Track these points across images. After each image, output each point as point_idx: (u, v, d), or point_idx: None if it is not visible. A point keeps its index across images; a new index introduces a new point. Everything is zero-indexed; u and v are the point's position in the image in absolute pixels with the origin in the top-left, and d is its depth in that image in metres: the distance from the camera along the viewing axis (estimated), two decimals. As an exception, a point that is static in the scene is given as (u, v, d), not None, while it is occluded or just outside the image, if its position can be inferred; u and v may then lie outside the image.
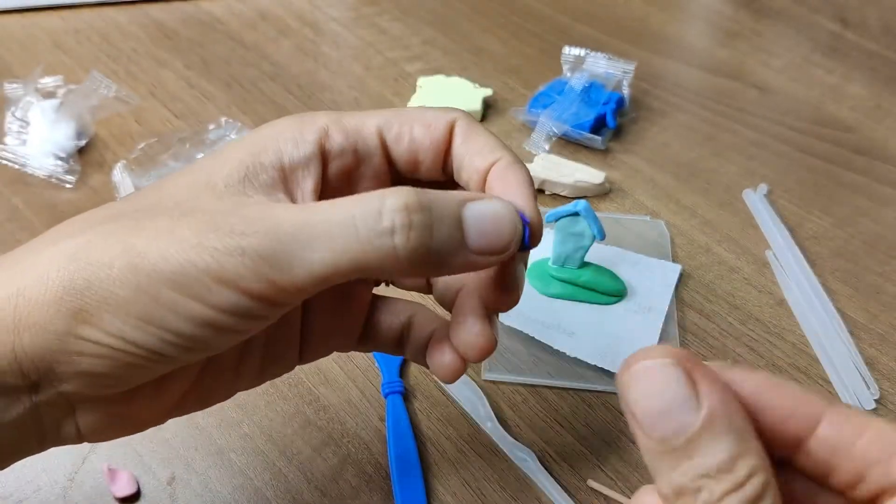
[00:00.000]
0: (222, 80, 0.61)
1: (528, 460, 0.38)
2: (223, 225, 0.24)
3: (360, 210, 0.24)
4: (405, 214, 0.24)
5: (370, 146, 0.29)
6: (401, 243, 0.24)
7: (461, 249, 0.25)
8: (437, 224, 0.24)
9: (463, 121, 0.29)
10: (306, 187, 0.27)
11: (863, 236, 0.51)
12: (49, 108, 0.53)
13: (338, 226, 0.24)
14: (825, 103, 0.63)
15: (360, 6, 0.71)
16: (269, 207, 0.25)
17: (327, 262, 0.24)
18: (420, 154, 0.29)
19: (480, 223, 0.25)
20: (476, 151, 0.28)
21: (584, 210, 0.42)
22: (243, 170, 0.26)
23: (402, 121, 0.29)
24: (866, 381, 0.42)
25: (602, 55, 0.60)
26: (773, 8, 0.74)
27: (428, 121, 0.29)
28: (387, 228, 0.24)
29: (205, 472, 0.37)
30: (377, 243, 0.24)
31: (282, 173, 0.27)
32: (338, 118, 0.28)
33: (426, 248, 0.24)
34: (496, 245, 0.26)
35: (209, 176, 0.26)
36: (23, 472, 0.36)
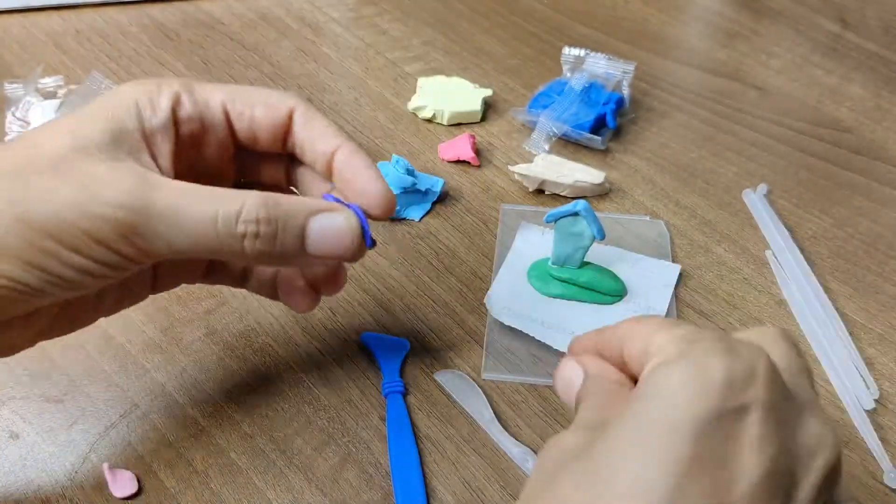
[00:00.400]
0: (223, 80, 0.61)
1: (529, 460, 0.38)
2: (101, 193, 0.27)
3: (223, 209, 0.28)
4: (255, 225, 0.29)
5: (215, 118, 0.32)
6: (248, 247, 0.29)
7: (301, 254, 0.30)
8: (280, 234, 0.30)
9: (302, 106, 0.33)
10: (165, 150, 0.31)
11: (862, 236, 0.51)
12: (49, 108, 0.53)
13: (201, 219, 0.28)
14: (824, 104, 0.63)
15: (360, 7, 0.71)
16: (145, 182, 0.28)
17: (187, 244, 0.29)
18: (259, 132, 0.33)
19: (322, 234, 0.30)
20: (318, 136, 0.33)
21: (584, 210, 0.42)
22: (110, 133, 0.29)
23: (245, 100, 0.33)
24: (866, 380, 0.42)
25: (602, 55, 0.60)
26: (772, 8, 0.74)
27: (269, 103, 0.33)
28: (240, 232, 0.29)
29: (205, 471, 0.37)
30: (229, 241, 0.29)
31: (144, 138, 0.30)
32: (189, 87, 0.32)
33: (268, 253, 0.30)
34: (335, 253, 0.31)
35: (78, 138, 0.29)
36: (23, 472, 0.36)
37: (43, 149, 0.29)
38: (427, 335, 0.43)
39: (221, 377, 0.41)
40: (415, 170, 0.51)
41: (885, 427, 0.40)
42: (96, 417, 0.39)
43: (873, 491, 0.38)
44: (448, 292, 0.46)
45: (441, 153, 0.55)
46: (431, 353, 0.43)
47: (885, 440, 0.40)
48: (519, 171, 0.52)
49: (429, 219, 0.51)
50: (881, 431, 0.40)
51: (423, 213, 0.51)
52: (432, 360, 0.42)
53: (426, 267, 0.47)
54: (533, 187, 0.52)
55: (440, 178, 0.52)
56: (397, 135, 0.57)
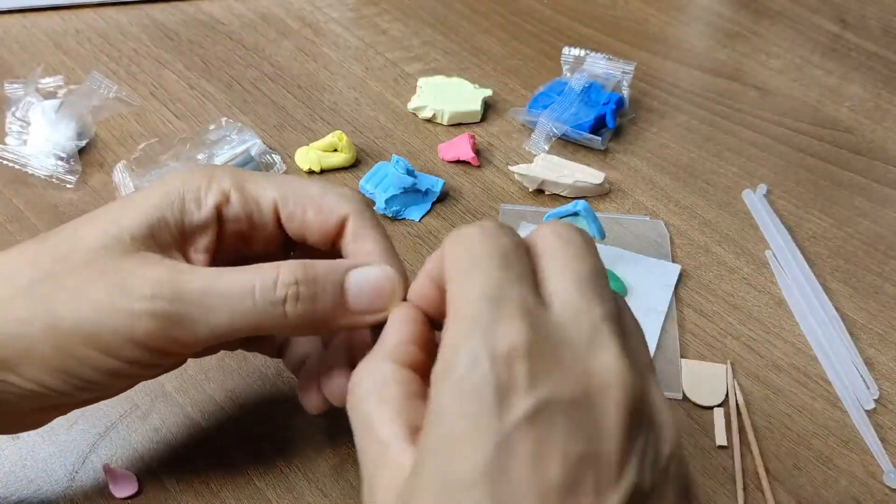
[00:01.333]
0: (223, 80, 0.61)
1: (528, 460, 0.37)
2: (133, 287, 0.27)
3: (259, 281, 0.28)
4: (295, 288, 0.28)
5: (265, 218, 0.32)
6: (290, 311, 0.28)
7: (342, 313, 0.29)
8: (320, 293, 0.29)
9: (356, 216, 0.32)
10: (200, 246, 0.31)
11: (862, 236, 0.51)
12: (50, 108, 0.53)
13: (238, 293, 0.28)
14: (824, 104, 0.63)
15: (360, 7, 0.71)
16: (174, 270, 0.28)
17: (227, 325, 0.28)
18: (308, 235, 0.32)
19: (361, 287, 0.29)
20: (366, 255, 0.31)
21: (584, 210, 0.42)
22: (148, 224, 0.29)
23: (298, 200, 0.31)
24: (866, 380, 0.42)
25: (601, 56, 0.60)
26: (772, 9, 0.74)
27: (322, 206, 0.31)
28: (279, 298, 0.28)
29: (205, 471, 0.37)
30: (270, 310, 0.28)
31: (182, 233, 0.30)
32: (241, 182, 0.31)
33: (311, 314, 0.29)
34: (375, 305, 0.30)
35: (116, 226, 0.29)
36: (23, 472, 0.36)
37: (82, 242, 0.29)
38: (427, 335, 0.43)
39: (221, 377, 0.41)
40: (415, 170, 0.51)
41: (885, 427, 0.40)
42: (96, 417, 0.39)
43: (873, 491, 0.38)
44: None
45: (441, 153, 0.55)
46: (431, 353, 0.43)
47: (885, 440, 0.40)
48: (519, 171, 0.52)
49: (429, 219, 0.51)
50: (881, 431, 0.40)
51: (423, 213, 0.51)
52: (432, 360, 0.42)
53: (426, 267, 0.47)
54: (533, 187, 0.52)
55: (440, 178, 0.52)
56: (397, 135, 0.57)
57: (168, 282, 0.28)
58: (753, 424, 0.40)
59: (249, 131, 0.54)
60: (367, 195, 0.51)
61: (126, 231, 0.29)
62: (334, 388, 0.32)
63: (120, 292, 0.27)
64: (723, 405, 0.41)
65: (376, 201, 0.50)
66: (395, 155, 0.51)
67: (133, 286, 0.27)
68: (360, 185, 0.51)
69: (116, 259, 0.28)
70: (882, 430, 0.40)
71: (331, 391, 0.32)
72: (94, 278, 0.27)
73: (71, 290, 0.27)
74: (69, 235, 0.29)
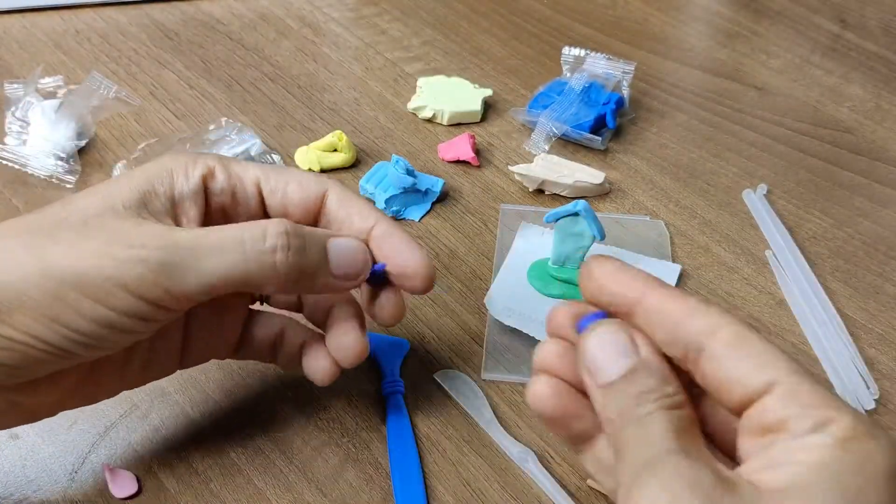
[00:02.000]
0: (223, 80, 0.61)
1: (528, 460, 0.38)
2: (125, 238, 0.28)
3: (248, 233, 0.29)
4: (285, 237, 0.29)
5: (248, 192, 0.33)
6: (281, 260, 0.29)
7: (325, 272, 0.31)
8: (309, 248, 0.30)
9: (337, 188, 0.34)
10: (191, 216, 0.32)
11: (862, 236, 0.51)
12: (49, 108, 0.53)
13: (229, 243, 0.29)
14: (824, 104, 0.63)
15: (360, 7, 0.71)
16: (166, 227, 0.29)
17: (217, 273, 0.28)
18: (290, 208, 0.34)
19: (340, 254, 0.32)
20: (354, 214, 0.34)
21: (584, 210, 0.42)
22: (140, 194, 0.30)
23: (279, 178, 0.34)
24: (866, 380, 0.42)
25: (602, 56, 0.60)
26: (772, 8, 0.74)
27: (302, 182, 0.34)
28: (270, 247, 0.29)
29: (205, 471, 0.37)
30: (261, 259, 0.29)
31: (171, 202, 0.31)
32: (225, 163, 0.33)
33: (300, 266, 0.30)
34: (350, 272, 0.32)
35: (109, 198, 0.30)
36: (23, 472, 0.36)
37: (75, 208, 0.30)
38: (427, 335, 0.43)
39: (221, 377, 0.41)
40: (415, 170, 0.51)
41: (885, 427, 0.40)
42: (96, 417, 0.39)
43: (873, 491, 0.38)
44: (448, 292, 0.46)
45: (441, 153, 0.55)
46: (431, 353, 0.43)
47: (885, 440, 0.40)
48: (519, 171, 0.52)
49: (429, 219, 0.51)
50: None
51: (423, 213, 0.51)
52: (432, 361, 0.42)
53: (426, 267, 0.47)
54: (533, 187, 0.52)
55: (440, 178, 0.52)
56: (397, 135, 0.57)
57: (160, 233, 0.29)
58: (753, 424, 0.40)
59: (249, 131, 0.54)
60: (367, 195, 0.51)
61: (118, 200, 0.30)
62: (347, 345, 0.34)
63: (113, 241, 0.28)
64: (723, 405, 0.41)
65: (376, 201, 0.50)
66: (394, 155, 0.51)
67: (125, 237, 0.28)
68: (360, 185, 0.51)
69: (110, 219, 0.29)
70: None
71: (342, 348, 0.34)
72: (88, 233, 0.28)
73: (64, 241, 0.28)
74: (62, 204, 0.30)
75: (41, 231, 0.28)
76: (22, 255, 0.28)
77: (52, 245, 0.28)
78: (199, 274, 0.28)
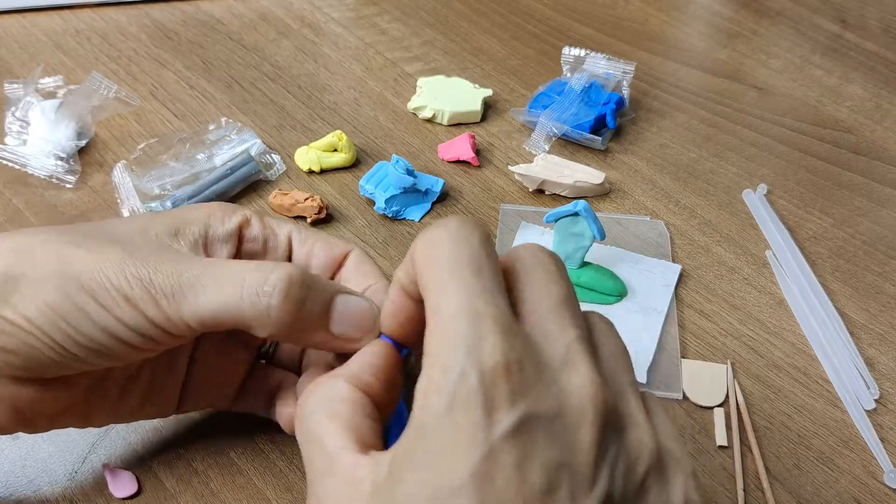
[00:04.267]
0: (223, 80, 0.61)
1: (528, 460, 0.37)
2: (142, 257, 0.29)
3: (253, 272, 0.29)
4: (286, 284, 0.29)
5: (280, 242, 0.35)
6: (275, 306, 0.29)
7: (322, 328, 0.30)
8: (309, 301, 0.29)
9: (358, 251, 0.36)
10: (222, 256, 0.33)
11: (862, 236, 0.51)
12: (49, 108, 0.53)
13: (228, 280, 0.29)
14: (824, 104, 0.63)
15: (360, 7, 0.71)
16: (183, 254, 0.30)
17: (210, 308, 0.29)
18: (314, 263, 0.35)
19: (345, 312, 0.31)
20: (362, 274, 0.35)
21: (584, 210, 0.42)
22: (174, 228, 0.32)
23: (310, 234, 0.35)
24: (866, 380, 0.42)
25: (602, 56, 0.60)
26: (772, 8, 0.74)
27: (330, 242, 0.35)
28: (267, 291, 0.29)
29: (204, 471, 0.37)
30: (255, 301, 0.29)
31: (204, 240, 0.33)
32: (260, 215, 0.35)
33: (293, 317, 0.29)
34: (353, 333, 0.31)
35: (144, 225, 0.32)
36: (23, 472, 0.36)
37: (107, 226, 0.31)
38: (427, 335, 0.43)
39: (221, 377, 0.41)
40: (415, 170, 0.51)
41: (885, 427, 0.40)
42: (96, 417, 0.39)
43: (873, 491, 0.38)
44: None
45: (441, 153, 0.55)
46: (431, 353, 0.42)
47: (885, 440, 0.40)
48: (519, 171, 0.52)
49: (429, 219, 0.51)
50: (881, 431, 0.40)
51: (423, 213, 0.51)
52: (432, 360, 0.42)
53: (426, 267, 0.47)
54: (533, 187, 0.52)
55: (440, 178, 0.52)
56: (397, 135, 0.57)
57: (174, 258, 0.30)
58: (753, 424, 0.40)
59: (249, 131, 0.54)
60: (366, 195, 0.51)
61: (151, 228, 0.31)
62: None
63: (130, 257, 0.29)
64: (723, 405, 0.41)
65: (376, 201, 0.50)
66: (395, 155, 0.51)
67: (143, 257, 0.29)
68: (360, 185, 0.51)
69: (137, 240, 0.31)
70: (882, 430, 0.40)
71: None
72: (110, 246, 0.30)
73: (85, 248, 0.29)
74: (98, 224, 0.32)
75: (69, 236, 0.30)
76: (44, 252, 0.29)
77: (75, 248, 0.29)
78: (195, 306, 0.29)
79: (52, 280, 0.28)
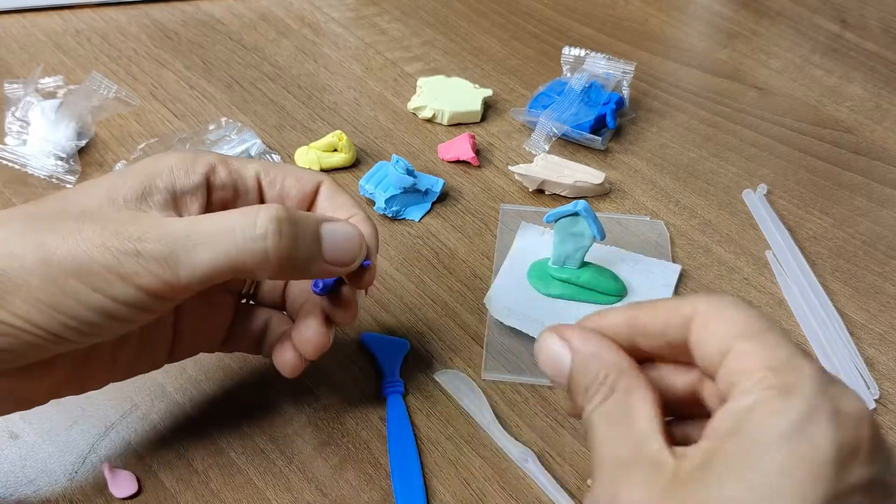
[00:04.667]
0: (223, 80, 0.61)
1: (528, 460, 0.38)
2: (122, 231, 0.28)
3: (240, 220, 0.29)
4: (276, 224, 0.29)
5: (248, 185, 0.34)
6: (272, 247, 0.29)
7: (318, 258, 0.31)
8: (300, 235, 0.30)
9: (329, 182, 0.35)
10: (192, 210, 0.32)
11: (862, 236, 0.51)
12: (49, 108, 0.53)
13: (220, 232, 0.29)
14: (824, 104, 0.63)
15: (360, 7, 0.71)
16: (161, 219, 0.30)
17: (209, 263, 0.28)
18: (287, 200, 0.34)
19: (334, 239, 0.32)
20: (338, 206, 0.35)
21: (584, 210, 0.42)
22: (140, 189, 0.31)
23: (277, 171, 0.34)
24: (866, 380, 0.42)
25: (602, 56, 0.60)
26: (772, 8, 0.74)
27: (299, 175, 0.35)
28: (260, 234, 0.29)
29: (204, 471, 0.37)
30: (252, 246, 0.29)
31: (173, 196, 0.31)
32: (225, 159, 0.34)
33: (291, 253, 0.30)
34: (345, 258, 0.32)
35: (110, 191, 0.30)
36: (23, 472, 0.36)
37: (75, 199, 0.30)
38: (427, 335, 0.43)
39: (221, 377, 0.41)
40: (415, 170, 0.51)
41: (885, 427, 0.40)
42: (96, 417, 0.39)
43: (873, 491, 0.38)
44: (448, 292, 0.46)
45: (441, 153, 0.55)
46: (431, 353, 0.43)
47: (886, 440, 0.40)
48: (519, 171, 0.52)
49: (429, 219, 0.51)
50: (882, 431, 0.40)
51: (423, 213, 0.51)
52: (432, 361, 0.42)
53: (426, 267, 0.47)
54: (533, 187, 0.52)
55: (440, 178, 0.52)
56: (397, 135, 0.57)
57: (155, 224, 0.29)
58: (754, 424, 0.40)
59: (249, 131, 0.54)
60: (366, 195, 0.51)
61: (118, 194, 0.30)
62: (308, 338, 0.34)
63: (111, 234, 0.28)
64: (723, 405, 0.41)
65: (376, 201, 0.50)
66: (395, 155, 0.51)
67: (122, 228, 0.28)
68: (360, 185, 0.51)
69: (109, 212, 0.29)
70: (882, 430, 0.40)
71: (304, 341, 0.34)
72: (86, 223, 0.29)
73: (62, 230, 0.28)
74: (63, 196, 0.30)
75: (39, 220, 0.29)
76: (20, 243, 0.28)
77: (50, 233, 0.28)
78: (193, 265, 0.28)
79: (36, 272, 0.27)
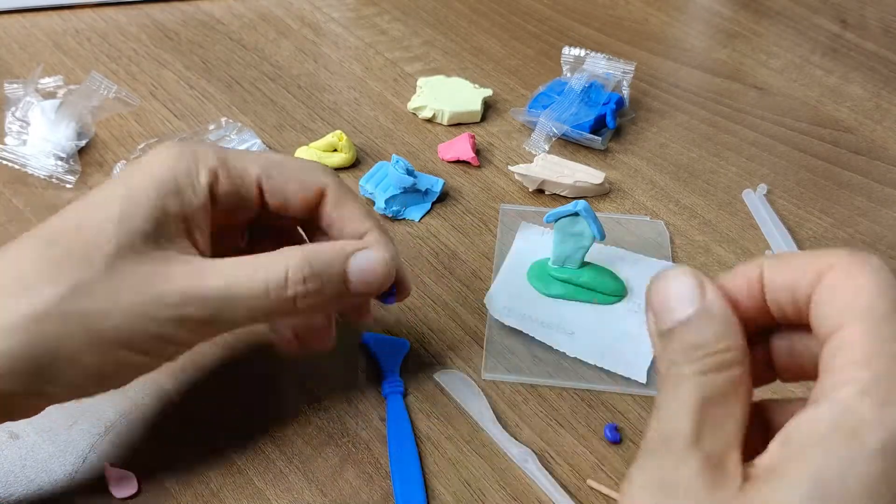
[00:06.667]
0: (222, 80, 0.61)
1: (528, 460, 0.38)
2: (161, 297, 0.30)
3: (272, 280, 0.31)
4: (303, 286, 0.31)
5: (250, 193, 0.34)
6: (300, 305, 0.32)
7: (345, 295, 0.33)
8: (326, 284, 0.32)
9: (333, 186, 0.35)
10: (204, 228, 0.33)
11: (862, 236, 0.51)
12: (49, 108, 0.53)
13: (254, 292, 0.31)
14: (824, 104, 0.63)
15: (360, 7, 0.71)
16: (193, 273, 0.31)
17: (245, 318, 0.32)
18: (289, 207, 0.35)
19: (362, 272, 0.33)
20: (347, 218, 0.35)
21: (584, 210, 0.42)
22: (154, 220, 0.31)
23: (279, 175, 0.34)
24: (866, 380, 0.42)
25: (602, 56, 0.60)
26: (772, 8, 0.74)
27: (302, 179, 0.35)
28: (290, 296, 0.31)
29: (205, 471, 0.37)
30: (282, 305, 0.31)
31: (185, 221, 0.32)
32: (224, 160, 0.34)
33: (318, 302, 0.32)
34: (372, 289, 0.34)
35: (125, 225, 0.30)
36: (23, 472, 0.36)
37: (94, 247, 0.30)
38: (427, 335, 0.43)
39: (221, 377, 0.41)
40: (415, 170, 0.51)
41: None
42: (96, 417, 0.39)
43: (873, 491, 0.38)
44: (448, 292, 0.46)
45: (441, 153, 0.55)
46: (431, 353, 0.43)
47: (886, 440, 0.40)
48: (519, 171, 0.52)
49: (429, 219, 0.51)
50: None
51: (423, 213, 0.51)
52: (432, 361, 0.42)
53: (426, 267, 0.47)
54: (533, 187, 0.52)
55: (440, 178, 0.52)
56: (397, 135, 0.57)
57: (193, 288, 0.30)
58: (754, 424, 0.40)
59: (249, 131, 0.54)
60: (366, 195, 0.51)
61: (136, 234, 0.30)
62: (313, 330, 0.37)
63: (150, 300, 0.30)
64: (723, 405, 0.41)
65: (376, 201, 0.50)
66: (394, 155, 0.51)
67: (161, 293, 0.30)
68: (360, 185, 0.51)
69: (135, 263, 0.30)
70: None
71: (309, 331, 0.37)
72: (122, 286, 0.30)
73: (102, 301, 0.29)
74: (75, 238, 0.30)
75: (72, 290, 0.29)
76: (65, 323, 0.29)
77: (90, 307, 0.29)
78: (232, 321, 0.32)
79: (86, 350, 0.29)
